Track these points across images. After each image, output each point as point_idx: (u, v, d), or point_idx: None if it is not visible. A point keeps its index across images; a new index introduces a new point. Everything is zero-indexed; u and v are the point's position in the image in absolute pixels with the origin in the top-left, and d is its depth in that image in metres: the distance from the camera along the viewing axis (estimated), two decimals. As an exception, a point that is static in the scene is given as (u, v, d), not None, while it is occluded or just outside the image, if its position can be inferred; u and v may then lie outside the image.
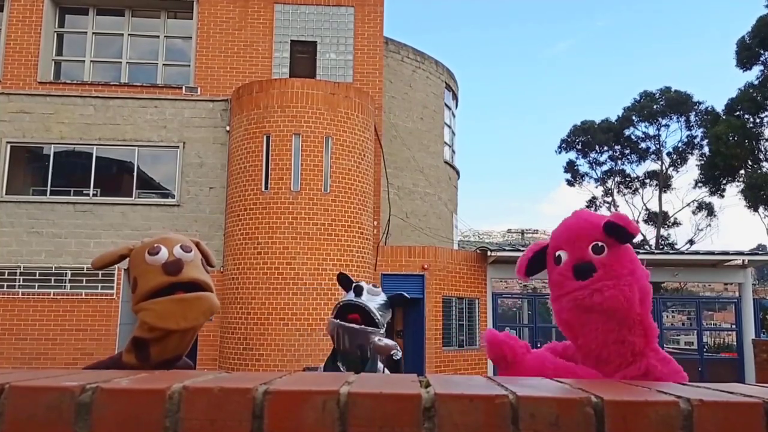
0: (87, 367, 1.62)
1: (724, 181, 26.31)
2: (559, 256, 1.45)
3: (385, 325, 2.97)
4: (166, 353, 1.56)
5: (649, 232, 31.41)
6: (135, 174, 14.08)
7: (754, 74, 24.43)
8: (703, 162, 27.23)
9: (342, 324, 2.83)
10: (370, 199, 13.50)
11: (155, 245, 1.58)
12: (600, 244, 1.40)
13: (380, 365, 3.05)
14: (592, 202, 32.47)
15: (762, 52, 23.70)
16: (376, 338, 2.82)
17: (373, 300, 2.93)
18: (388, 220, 14.71)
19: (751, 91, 24.09)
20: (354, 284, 2.96)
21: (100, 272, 13.15)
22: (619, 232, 1.40)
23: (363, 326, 2.83)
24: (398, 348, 2.88)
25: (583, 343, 1.45)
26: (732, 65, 24.63)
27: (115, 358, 1.62)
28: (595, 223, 1.43)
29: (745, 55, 24.04)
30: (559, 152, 32.51)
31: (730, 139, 23.52)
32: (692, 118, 29.43)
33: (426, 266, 13.70)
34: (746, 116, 24.41)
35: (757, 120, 24.52)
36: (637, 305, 1.38)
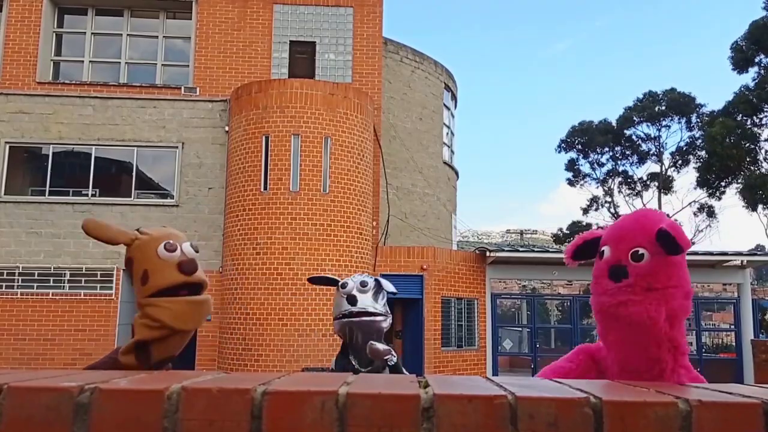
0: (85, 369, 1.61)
1: (723, 184, 26.31)
2: (603, 251, 1.45)
3: (387, 308, 2.96)
4: (167, 353, 1.59)
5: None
6: (134, 174, 14.07)
7: (749, 77, 24.52)
8: (699, 164, 27.26)
9: (352, 321, 2.83)
10: (369, 199, 13.50)
11: (171, 242, 1.59)
12: (641, 251, 1.37)
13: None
14: (592, 202, 32.42)
15: (757, 54, 23.76)
16: (370, 342, 2.80)
17: (367, 295, 2.88)
18: (387, 221, 14.72)
19: (746, 93, 24.13)
20: (347, 295, 2.87)
21: (99, 273, 13.13)
22: (668, 241, 1.35)
23: (372, 317, 2.83)
24: (393, 353, 2.82)
25: (607, 344, 1.48)
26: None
27: (111, 362, 1.59)
28: (647, 227, 1.39)
29: (740, 58, 24.14)
30: (559, 152, 32.42)
31: (726, 140, 23.55)
32: (693, 119, 29.41)
33: (425, 267, 13.70)
34: (743, 118, 24.43)
35: (755, 121, 24.53)
36: (663, 323, 1.35)
